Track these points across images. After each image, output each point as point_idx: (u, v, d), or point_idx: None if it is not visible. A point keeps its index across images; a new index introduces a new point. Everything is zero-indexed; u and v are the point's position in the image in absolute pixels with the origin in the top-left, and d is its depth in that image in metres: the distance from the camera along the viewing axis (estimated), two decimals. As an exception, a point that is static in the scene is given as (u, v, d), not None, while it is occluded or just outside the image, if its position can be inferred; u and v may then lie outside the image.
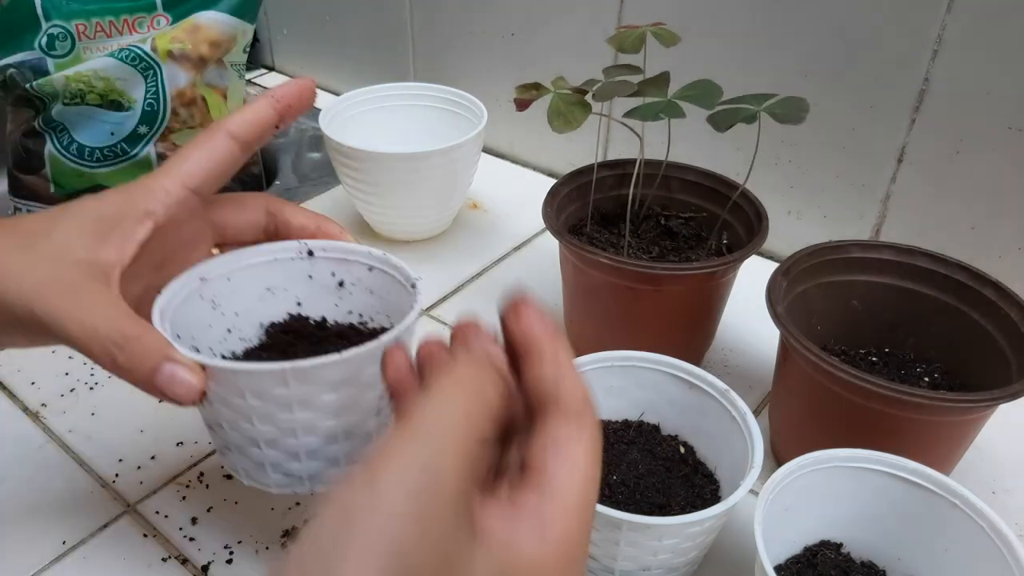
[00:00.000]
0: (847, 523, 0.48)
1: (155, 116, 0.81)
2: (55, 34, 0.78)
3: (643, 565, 0.46)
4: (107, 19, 0.79)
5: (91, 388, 0.63)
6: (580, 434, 0.29)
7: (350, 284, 0.49)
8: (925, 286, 0.57)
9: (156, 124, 0.82)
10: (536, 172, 0.94)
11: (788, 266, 0.55)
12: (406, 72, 1.01)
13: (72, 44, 0.79)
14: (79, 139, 0.81)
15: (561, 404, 0.29)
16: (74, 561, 0.50)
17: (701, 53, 0.73)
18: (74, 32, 0.78)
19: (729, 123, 0.54)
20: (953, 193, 0.66)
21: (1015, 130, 0.61)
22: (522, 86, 0.58)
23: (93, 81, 0.79)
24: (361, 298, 0.49)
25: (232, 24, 0.83)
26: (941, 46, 0.62)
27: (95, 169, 0.83)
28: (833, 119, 0.69)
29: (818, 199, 0.74)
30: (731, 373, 0.65)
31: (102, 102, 0.80)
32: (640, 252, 0.62)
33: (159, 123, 0.82)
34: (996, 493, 0.56)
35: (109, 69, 0.79)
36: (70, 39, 0.78)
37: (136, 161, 0.83)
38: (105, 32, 0.79)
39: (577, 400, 0.30)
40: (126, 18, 0.80)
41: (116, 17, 0.79)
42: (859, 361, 0.59)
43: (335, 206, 0.87)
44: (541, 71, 0.85)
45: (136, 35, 0.80)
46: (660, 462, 0.53)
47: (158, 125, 0.82)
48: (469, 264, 0.78)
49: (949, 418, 0.49)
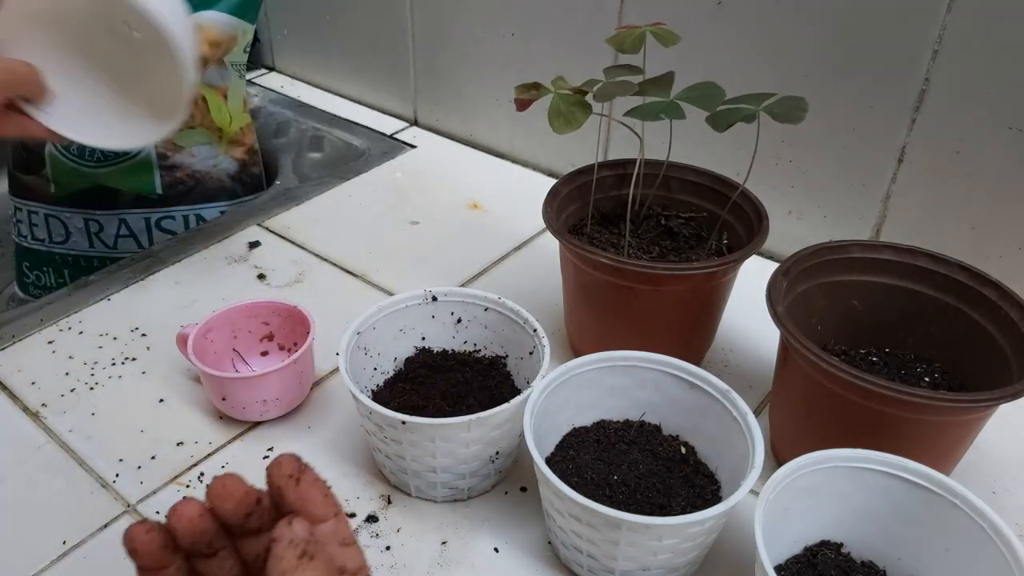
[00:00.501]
0: (847, 523, 0.48)
1: None
2: None
3: (643, 565, 0.46)
4: None
5: (91, 388, 0.63)
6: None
7: (467, 320, 0.60)
8: (925, 286, 0.57)
9: None
10: (536, 172, 0.94)
11: (788, 266, 0.55)
12: (406, 72, 1.02)
13: None
14: None
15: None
16: (74, 561, 0.50)
17: (701, 53, 0.73)
18: None
19: (728, 123, 0.54)
20: (953, 193, 0.66)
21: (1015, 130, 0.61)
22: (522, 86, 0.58)
23: None
24: (476, 331, 0.61)
25: (232, 24, 0.83)
26: (941, 46, 0.62)
27: (95, 169, 0.83)
28: (833, 119, 0.69)
29: (818, 199, 0.74)
30: (731, 373, 0.65)
31: None
32: (640, 252, 0.62)
33: None
34: (996, 493, 0.56)
35: None
36: None
37: (136, 161, 0.83)
38: None
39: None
40: None
41: None
42: (859, 361, 0.59)
43: (335, 206, 0.87)
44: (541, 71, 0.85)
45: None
46: (661, 462, 0.53)
47: None
48: (469, 264, 0.78)
49: (949, 418, 0.49)
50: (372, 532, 0.52)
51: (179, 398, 0.62)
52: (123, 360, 0.65)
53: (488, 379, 0.58)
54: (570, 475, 0.51)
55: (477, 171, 0.95)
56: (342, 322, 0.57)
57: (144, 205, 0.86)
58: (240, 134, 0.89)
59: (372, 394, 0.58)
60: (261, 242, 0.81)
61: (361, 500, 0.55)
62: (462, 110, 0.98)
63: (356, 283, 0.76)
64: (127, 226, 0.86)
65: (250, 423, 0.60)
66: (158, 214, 0.86)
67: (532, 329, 0.56)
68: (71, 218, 0.86)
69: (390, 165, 0.95)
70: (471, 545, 0.52)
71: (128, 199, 0.86)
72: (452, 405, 0.56)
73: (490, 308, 0.59)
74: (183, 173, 0.86)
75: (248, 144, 0.91)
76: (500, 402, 0.50)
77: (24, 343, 0.67)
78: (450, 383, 0.58)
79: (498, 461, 0.53)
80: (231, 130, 0.88)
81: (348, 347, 0.55)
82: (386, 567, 0.50)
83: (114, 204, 0.86)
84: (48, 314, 0.70)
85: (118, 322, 0.70)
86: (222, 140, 0.88)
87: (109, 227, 0.86)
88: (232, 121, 0.88)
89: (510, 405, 0.50)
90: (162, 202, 0.86)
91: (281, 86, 1.15)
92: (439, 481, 0.53)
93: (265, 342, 0.64)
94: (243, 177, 0.91)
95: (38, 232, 0.87)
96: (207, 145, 0.87)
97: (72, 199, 0.85)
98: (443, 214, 0.86)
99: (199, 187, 0.87)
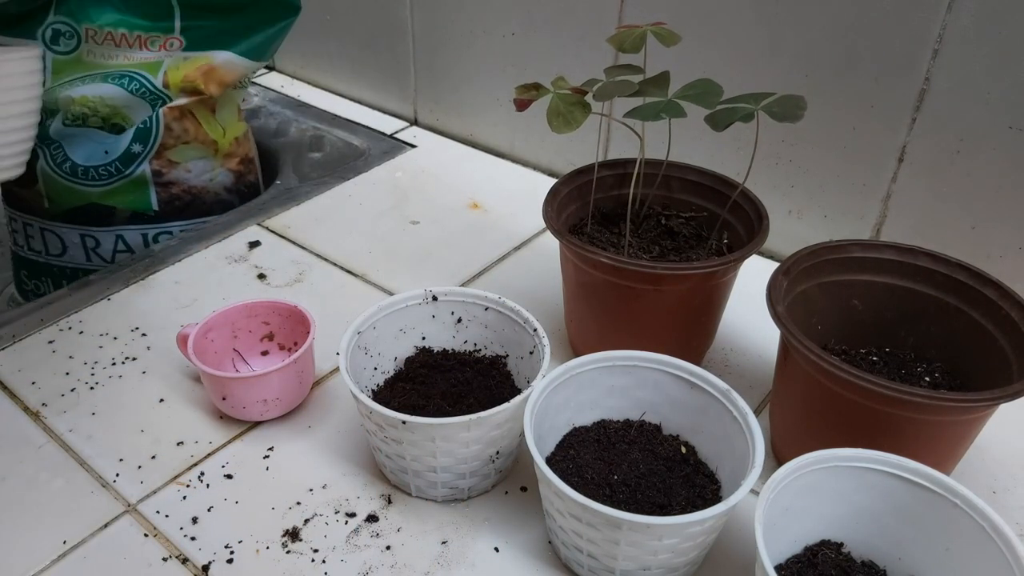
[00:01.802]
0: (848, 523, 0.48)
1: (148, 133, 0.80)
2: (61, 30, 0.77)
3: (643, 565, 0.46)
4: (120, 30, 0.78)
5: (91, 388, 0.63)
6: None
7: (467, 320, 0.60)
8: (926, 286, 0.57)
9: (150, 142, 0.81)
10: (536, 172, 0.94)
11: (788, 266, 0.55)
12: (406, 72, 1.02)
13: (77, 44, 0.78)
14: (73, 157, 0.80)
15: None
16: (74, 561, 0.50)
17: (701, 53, 0.73)
18: (81, 33, 0.77)
19: (727, 122, 0.54)
20: (954, 193, 0.66)
21: (1015, 130, 0.61)
22: (522, 86, 0.58)
23: (99, 107, 0.78)
24: (476, 331, 0.60)
25: (246, 66, 0.82)
26: (942, 46, 0.62)
27: (89, 188, 0.82)
28: (834, 119, 0.69)
29: (819, 198, 0.74)
30: (732, 373, 0.65)
31: (104, 125, 0.79)
32: (641, 252, 0.62)
33: (152, 141, 0.81)
34: (997, 492, 0.56)
35: (117, 99, 0.78)
36: (76, 38, 0.78)
37: (131, 180, 0.82)
38: (114, 42, 0.78)
39: None
40: (139, 35, 0.79)
41: (130, 31, 0.78)
42: (860, 361, 0.59)
43: (335, 205, 0.87)
44: (541, 71, 0.85)
45: (147, 52, 0.79)
46: (661, 462, 0.53)
47: (152, 143, 0.81)
48: (469, 264, 0.78)
49: (950, 417, 0.49)
50: (372, 532, 0.52)
51: (179, 398, 0.62)
52: (123, 360, 0.65)
53: (488, 379, 0.59)
54: (570, 475, 0.51)
55: (477, 171, 0.95)
56: (342, 322, 0.57)
57: (141, 221, 0.85)
58: (234, 145, 0.88)
59: (372, 394, 0.58)
60: (261, 242, 0.81)
61: (361, 500, 0.55)
62: (462, 110, 0.98)
63: (356, 283, 0.76)
64: (124, 241, 0.85)
65: (250, 423, 0.60)
66: (155, 229, 0.85)
67: (532, 329, 0.56)
68: (67, 233, 0.85)
69: (390, 165, 0.95)
70: (471, 545, 0.52)
71: (124, 216, 0.85)
72: (452, 405, 0.56)
73: (490, 308, 0.59)
74: (179, 189, 0.85)
75: (243, 154, 0.90)
76: (500, 402, 0.50)
77: (24, 343, 0.67)
78: (450, 383, 0.58)
79: (498, 461, 0.53)
80: (225, 142, 0.87)
81: (348, 347, 0.55)
82: (386, 567, 0.50)
83: (110, 221, 0.85)
84: (48, 314, 0.70)
85: (118, 322, 0.70)
86: (217, 154, 0.87)
87: (106, 243, 0.85)
88: (226, 132, 0.87)
89: (510, 405, 0.50)
90: (159, 218, 0.85)
91: (281, 86, 1.15)
92: (439, 481, 0.53)
93: (265, 342, 0.64)
94: (240, 188, 0.90)
95: (34, 244, 0.86)
96: (202, 160, 0.86)
97: (67, 215, 0.84)
98: (443, 214, 0.86)
99: (196, 202, 0.86)
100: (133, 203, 0.84)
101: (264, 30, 0.82)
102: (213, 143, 0.86)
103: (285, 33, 0.85)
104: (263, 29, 0.81)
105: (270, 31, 0.82)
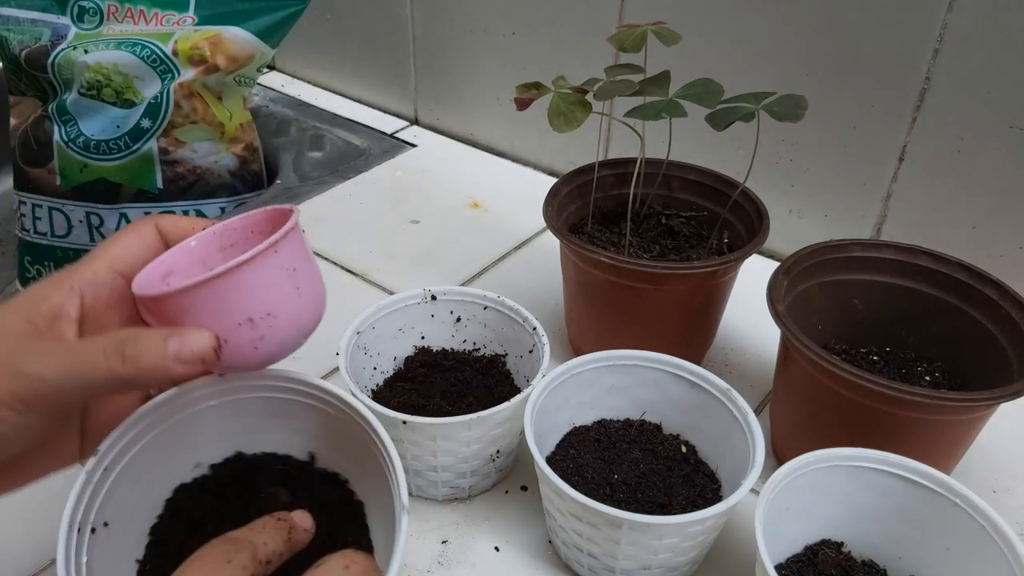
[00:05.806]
0: (848, 522, 0.48)
1: (158, 109, 0.83)
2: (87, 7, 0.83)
3: (644, 564, 0.46)
4: (139, 7, 0.83)
5: (92, 387, 0.62)
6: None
7: (466, 319, 0.60)
8: (926, 285, 0.57)
9: (159, 118, 0.83)
10: (536, 171, 0.94)
11: (789, 265, 0.55)
12: (406, 72, 1.02)
13: (100, 20, 0.83)
14: (86, 131, 0.83)
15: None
16: (75, 560, 0.50)
17: (702, 52, 0.73)
18: (104, 10, 0.82)
19: (727, 121, 0.54)
20: (954, 192, 0.66)
21: (1016, 128, 0.61)
22: (522, 85, 0.58)
23: (112, 75, 0.81)
24: (475, 330, 0.60)
25: (254, 44, 0.85)
26: (942, 44, 0.62)
27: (99, 162, 0.84)
28: (834, 117, 0.69)
29: (819, 198, 0.74)
30: (732, 372, 0.65)
31: (116, 100, 0.82)
32: (641, 251, 0.62)
33: (162, 116, 0.83)
34: (997, 492, 0.56)
35: (129, 66, 0.81)
36: (99, 16, 0.83)
37: (139, 156, 0.84)
38: (133, 19, 0.83)
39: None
40: (157, 12, 0.84)
41: (148, 8, 0.84)
42: (860, 360, 0.59)
43: (335, 205, 0.87)
44: (541, 70, 0.85)
45: (160, 27, 0.83)
46: (661, 461, 0.53)
47: (161, 118, 0.83)
48: (469, 263, 0.78)
49: (950, 417, 0.49)
50: (372, 531, 0.52)
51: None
52: (123, 359, 0.65)
53: (488, 378, 0.59)
54: (571, 474, 0.51)
55: (477, 170, 0.95)
56: (342, 321, 0.56)
57: (144, 200, 0.86)
58: (240, 130, 0.90)
59: (372, 393, 0.58)
60: (261, 241, 0.81)
61: (361, 499, 0.54)
62: (462, 109, 0.98)
63: (356, 282, 0.76)
64: (127, 220, 0.87)
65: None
66: (158, 209, 0.87)
67: (532, 328, 0.56)
68: (74, 211, 0.87)
69: (390, 164, 0.95)
70: (472, 544, 0.52)
71: (129, 194, 0.86)
72: (452, 404, 0.56)
73: (489, 307, 0.59)
74: (184, 168, 0.86)
75: (247, 141, 0.91)
76: (500, 401, 0.50)
77: (24, 342, 0.67)
78: (450, 382, 0.58)
79: (499, 460, 0.53)
80: (232, 125, 0.88)
81: (348, 347, 0.55)
82: (386, 566, 0.50)
83: (115, 198, 0.86)
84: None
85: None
86: (224, 137, 0.88)
87: (110, 221, 0.87)
88: (232, 116, 0.88)
89: (511, 404, 0.50)
90: (162, 197, 0.87)
91: (282, 85, 1.15)
92: (440, 480, 0.53)
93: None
94: (243, 174, 0.91)
95: (41, 226, 0.88)
96: (208, 141, 0.87)
97: (75, 192, 0.86)
98: (443, 213, 0.86)
99: (199, 183, 0.88)
100: (139, 180, 0.85)
101: (273, 13, 0.86)
102: (220, 125, 0.87)
103: (293, 21, 0.88)
104: (272, 12, 0.86)
105: (279, 15, 0.87)
